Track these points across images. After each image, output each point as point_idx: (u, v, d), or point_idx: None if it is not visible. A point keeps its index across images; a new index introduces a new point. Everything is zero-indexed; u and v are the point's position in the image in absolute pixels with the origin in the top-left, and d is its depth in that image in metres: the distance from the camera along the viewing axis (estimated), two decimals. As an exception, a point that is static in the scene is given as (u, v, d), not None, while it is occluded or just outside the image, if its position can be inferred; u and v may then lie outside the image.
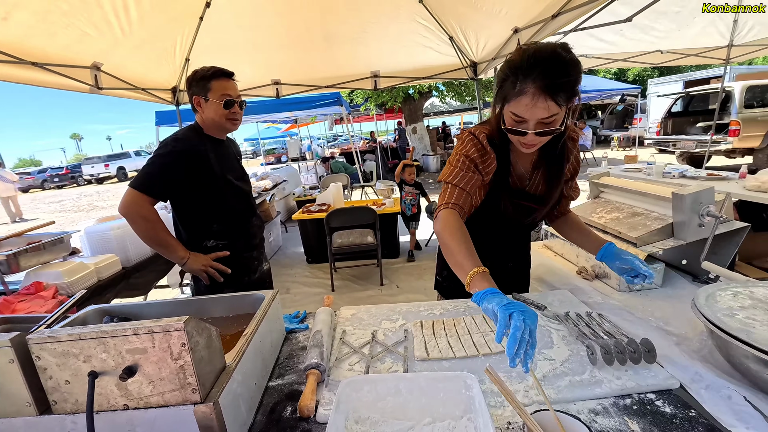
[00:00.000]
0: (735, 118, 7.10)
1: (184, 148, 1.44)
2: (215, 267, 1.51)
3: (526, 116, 0.91)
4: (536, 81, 0.86)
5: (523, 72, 0.88)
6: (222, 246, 1.56)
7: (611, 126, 14.95)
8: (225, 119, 1.51)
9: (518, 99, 0.91)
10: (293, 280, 4.07)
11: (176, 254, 1.45)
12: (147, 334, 0.65)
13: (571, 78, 0.87)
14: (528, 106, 0.89)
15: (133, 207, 1.39)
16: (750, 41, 4.53)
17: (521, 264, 1.40)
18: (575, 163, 1.18)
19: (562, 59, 0.87)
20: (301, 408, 0.82)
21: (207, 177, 1.47)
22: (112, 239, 2.30)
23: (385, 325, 1.17)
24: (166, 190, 1.45)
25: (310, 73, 4.31)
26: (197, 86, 1.50)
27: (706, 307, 0.90)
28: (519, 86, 0.89)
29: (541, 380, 0.86)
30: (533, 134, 0.93)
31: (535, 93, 0.87)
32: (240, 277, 1.61)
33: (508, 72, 0.93)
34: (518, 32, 3.17)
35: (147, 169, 1.41)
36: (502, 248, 1.31)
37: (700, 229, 1.27)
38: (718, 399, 0.79)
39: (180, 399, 0.68)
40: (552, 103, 0.88)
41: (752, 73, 10.36)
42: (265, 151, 20.95)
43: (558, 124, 0.93)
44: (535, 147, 1.00)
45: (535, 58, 0.87)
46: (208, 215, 1.53)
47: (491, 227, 1.23)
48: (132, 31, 2.81)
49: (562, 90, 0.87)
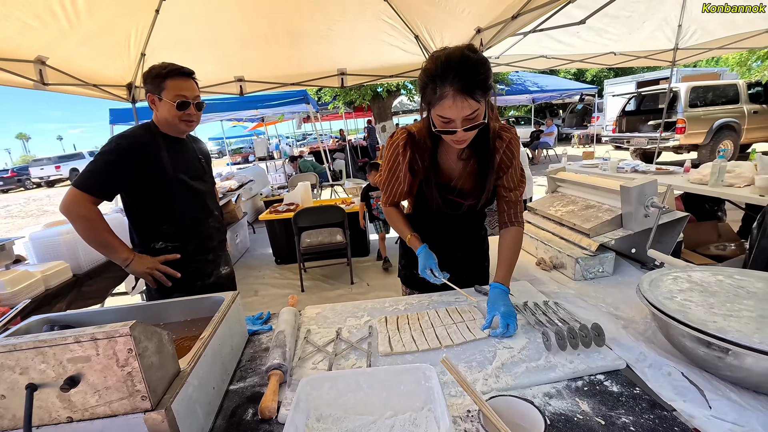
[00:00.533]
0: (681, 116, 7.61)
1: (131, 145, 1.37)
2: (162, 270, 1.44)
3: (452, 116, 0.99)
4: (453, 84, 0.94)
5: (439, 78, 0.96)
6: (172, 248, 1.49)
7: (572, 124, 15.64)
8: (178, 120, 1.45)
9: (441, 103, 0.98)
10: (261, 282, 3.98)
11: (119, 255, 1.39)
12: (90, 342, 0.62)
13: (482, 76, 0.95)
14: (451, 108, 0.97)
15: (73, 206, 1.32)
16: (693, 45, 4.86)
17: (471, 255, 1.43)
18: (506, 161, 1.20)
19: (471, 60, 0.95)
20: (262, 410, 0.80)
21: (156, 176, 1.41)
22: (61, 245, 2.16)
23: (350, 322, 1.17)
24: (110, 189, 1.38)
25: (274, 70, 4.22)
26: (152, 84, 1.44)
27: (648, 292, 0.97)
28: (439, 91, 0.97)
29: (500, 367, 0.89)
30: (462, 131, 1.01)
31: (454, 95, 0.95)
32: (191, 281, 1.53)
33: (426, 80, 1.00)
34: (481, 32, 3.24)
35: (90, 167, 1.35)
36: (448, 239, 1.37)
37: (645, 219, 1.35)
38: (660, 376, 0.85)
39: (129, 407, 0.65)
40: (471, 101, 0.96)
41: (697, 75, 11.14)
42: (232, 151, 20.35)
43: (482, 117, 1.01)
44: (466, 142, 1.08)
45: (448, 63, 0.95)
46: (157, 216, 1.46)
47: (431, 219, 1.35)
48: (80, 23, 2.64)
49: (477, 87, 0.95)
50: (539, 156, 11.67)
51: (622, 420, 0.73)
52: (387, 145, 1.26)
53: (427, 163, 1.20)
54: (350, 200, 4.40)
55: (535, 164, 11.06)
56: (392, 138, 1.23)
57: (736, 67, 11.75)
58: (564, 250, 1.45)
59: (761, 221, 1.57)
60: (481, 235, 1.44)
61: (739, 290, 0.96)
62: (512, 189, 1.24)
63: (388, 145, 1.25)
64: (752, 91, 8.29)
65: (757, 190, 2.52)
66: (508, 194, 1.24)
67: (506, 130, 1.20)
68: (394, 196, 1.32)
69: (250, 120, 11.47)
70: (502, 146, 1.19)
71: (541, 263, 1.53)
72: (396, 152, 1.21)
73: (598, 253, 1.38)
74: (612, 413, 0.75)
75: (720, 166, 2.81)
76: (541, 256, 1.58)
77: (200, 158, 1.61)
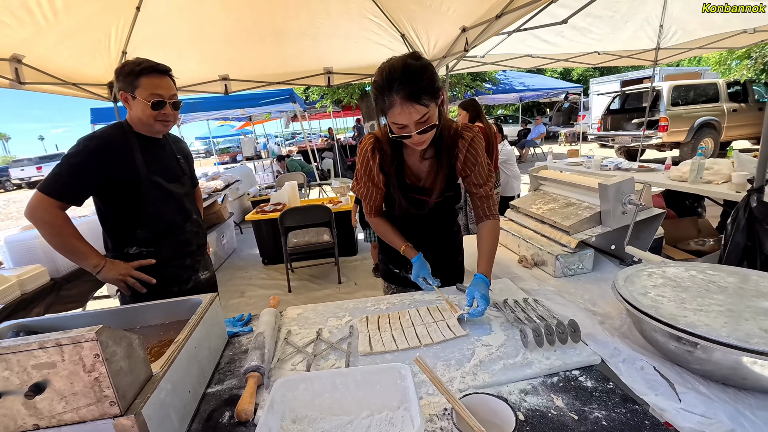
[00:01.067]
0: (664, 114, 7.76)
1: (100, 147, 1.31)
2: (135, 276, 1.39)
3: (404, 122, 1.04)
4: (398, 93, 1.00)
5: (386, 88, 1.02)
6: (147, 253, 1.44)
7: (558, 122, 15.84)
8: (153, 120, 1.39)
9: (391, 111, 1.04)
10: (248, 283, 3.94)
11: (89, 262, 1.34)
12: (55, 348, 0.60)
13: (425, 81, 1.01)
14: (401, 114, 1.03)
15: (38, 211, 1.26)
16: (674, 45, 4.96)
17: (444, 251, 1.45)
18: (471, 159, 1.24)
19: (413, 68, 1.01)
20: (239, 412, 0.79)
21: (128, 178, 1.35)
22: (38, 248, 2.10)
23: (331, 322, 1.17)
24: (78, 194, 1.31)
25: (260, 68, 4.17)
26: (124, 81, 1.37)
27: (623, 288, 0.98)
28: (387, 101, 1.03)
29: (478, 365, 0.90)
30: (416, 134, 1.07)
31: (401, 103, 1.01)
32: (168, 287, 1.48)
33: (375, 92, 1.06)
34: (466, 31, 3.26)
35: (56, 170, 1.29)
36: (419, 236, 1.39)
37: (623, 216, 1.37)
38: (633, 370, 0.87)
39: (97, 413, 0.63)
40: (419, 106, 1.01)
41: (679, 74, 11.36)
42: (219, 150, 20.11)
43: (434, 119, 1.08)
44: (423, 143, 1.14)
45: (391, 74, 1.01)
46: (130, 220, 1.40)
47: (402, 218, 1.38)
48: (57, 20, 2.57)
49: (422, 93, 1.00)
50: (526, 154, 11.79)
51: (594, 415, 0.74)
52: (358, 153, 1.31)
53: (391, 167, 1.26)
54: (337, 199, 4.38)
55: (523, 162, 11.18)
56: (361, 145, 1.29)
57: (716, 66, 12.01)
58: (545, 248, 1.47)
59: (735, 217, 1.61)
60: (453, 231, 1.46)
61: (710, 285, 0.98)
62: (481, 185, 1.28)
63: (359, 152, 1.30)
64: (731, 90, 8.49)
65: (733, 186, 2.58)
66: (478, 190, 1.29)
67: (468, 129, 1.24)
68: (374, 202, 1.36)
69: (237, 119, 11.34)
70: (464, 145, 1.23)
71: (522, 261, 1.55)
72: (366, 158, 1.27)
73: (577, 250, 1.40)
74: (585, 408, 0.76)
75: (699, 164, 2.87)
76: (523, 253, 1.59)
77: (179, 159, 1.56)
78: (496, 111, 19.67)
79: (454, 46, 3.55)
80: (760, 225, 1.60)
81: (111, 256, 1.42)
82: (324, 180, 7.33)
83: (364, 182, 1.32)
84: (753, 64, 10.62)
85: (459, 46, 3.44)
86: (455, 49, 3.53)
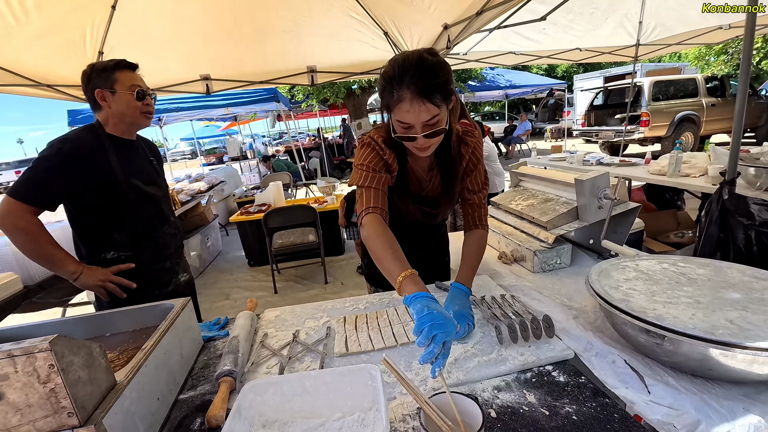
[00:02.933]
0: (645, 110, 7.90)
1: (74, 149, 1.27)
2: (115, 281, 1.36)
3: (410, 121, 0.95)
4: (410, 87, 0.91)
5: (396, 81, 0.93)
6: (125, 258, 1.41)
7: (544, 119, 16.00)
8: (139, 113, 1.37)
9: (399, 106, 0.95)
10: (234, 285, 3.90)
11: (66, 269, 1.29)
12: (6, 359, 0.58)
13: (440, 79, 0.92)
14: (409, 112, 0.94)
15: (8, 218, 1.21)
16: (653, 41, 5.05)
17: (433, 253, 1.44)
18: (471, 166, 1.20)
19: (429, 63, 0.93)
20: (209, 418, 0.78)
21: (104, 181, 1.32)
22: (10, 255, 2.04)
23: (308, 324, 1.16)
24: (52, 198, 1.27)
25: (242, 67, 4.12)
26: (99, 78, 1.33)
27: (596, 282, 0.99)
28: (396, 95, 0.94)
29: (453, 363, 0.90)
30: (422, 137, 0.97)
31: (411, 98, 0.92)
32: (148, 291, 1.46)
33: (384, 83, 0.97)
34: (448, 28, 3.27)
35: (27, 174, 1.24)
36: (410, 240, 1.33)
37: (599, 211, 1.39)
38: (605, 364, 0.87)
39: (55, 425, 0.61)
40: (430, 105, 0.93)
41: (660, 70, 11.59)
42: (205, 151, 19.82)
43: (443, 123, 0.98)
44: (428, 150, 1.04)
45: (404, 66, 0.92)
46: (107, 224, 1.37)
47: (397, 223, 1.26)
48: (29, 20, 2.50)
49: (436, 91, 0.92)
50: (513, 151, 11.89)
51: (565, 409, 0.75)
52: (362, 145, 1.16)
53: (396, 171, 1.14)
54: (323, 199, 4.35)
55: (509, 159, 11.28)
56: (365, 138, 1.16)
57: (695, 61, 12.28)
58: (524, 244, 1.48)
59: (708, 209, 1.64)
60: (441, 233, 1.45)
61: (681, 277, 1.00)
62: (476, 192, 1.23)
63: (365, 144, 1.15)
64: (710, 85, 8.68)
65: (710, 179, 2.64)
66: (472, 197, 1.23)
67: (470, 135, 1.18)
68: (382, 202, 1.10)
69: (223, 119, 11.19)
70: (468, 152, 1.18)
71: (502, 257, 1.55)
72: (374, 148, 1.12)
73: (555, 245, 1.41)
74: (557, 403, 0.77)
75: (677, 157, 2.93)
76: (503, 249, 1.60)
77: (152, 161, 1.54)
78: (483, 108, 19.79)
79: (437, 44, 3.55)
80: (732, 217, 1.64)
81: (86, 263, 1.38)
82: (310, 180, 7.28)
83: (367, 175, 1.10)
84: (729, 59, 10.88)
85: (441, 43, 3.44)
86: (438, 46, 3.52)
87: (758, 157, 2.49)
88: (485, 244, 1.24)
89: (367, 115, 11.21)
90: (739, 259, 1.75)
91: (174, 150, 22.43)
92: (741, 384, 0.78)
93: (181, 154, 22.16)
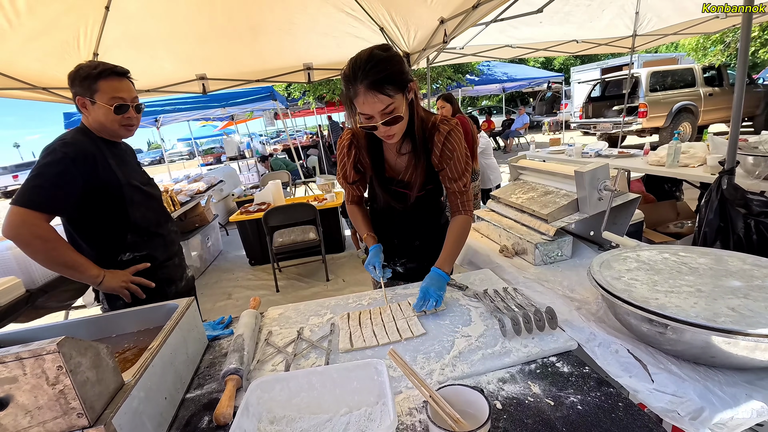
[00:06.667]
0: (643, 101, 7.89)
1: (79, 153, 1.25)
2: (136, 282, 1.36)
3: (368, 112, 1.05)
4: (362, 81, 1.00)
5: (351, 77, 1.02)
6: (140, 258, 1.41)
7: (542, 112, 15.99)
8: (118, 126, 1.34)
9: (356, 100, 1.05)
10: (235, 285, 3.90)
11: (88, 274, 1.28)
12: (15, 362, 0.58)
13: (389, 71, 1.00)
14: (364, 104, 1.03)
15: (24, 228, 1.18)
16: (650, 31, 5.03)
17: (431, 243, 1.44)
18: (447, 153, 1.22)
19: (377, 58, 1.00)
20: (217, 416, 0.78)
21: (109, 184, 1.31)
22: (12, 259, 2.04)
23: (312, 321, 1.16)
24: (63, 204, 1.25)
25: (238, 66, 4.10)
26: (81, 86, 1.30)
27: (598, 273, 1.00)
28: (352, 90, 1.03)
29: (457, 357, 0.90)
30: (382, 125, 1.07)
31: (364, 91, 1.01)
32: (165, 288, 1.47)
33: (344, 82, 1.06)
34: (444, 22, 3.25)
35: (35, 181, 1.20)
36: (406, 229, 1.42)
37: (599, 203, 1.39)
38: (608, 354, 0.88)
39: (65, 426, 0.62)
40: (382, 96, 1.01)
41: (657, 60, 11.56)
42: (203, 151, 19.76)
43: (399, 111, 1.07)
44: (393, 137, 1.14)
45: (357, 63, 1.01)
46: (119, 226, 1.36)
47: (388, 211, 1.40)
48: (21, 21, 2.48)
49: (385, 82, 1.00)
50: (511, 145, 11.88)
51: (570, 399, 0.75)
52: (340, 141, 1.33)
53: (368, 161, 1.28)
54: (322, 197, 4.35)
55: (507, 153, 11.27)
56: (340, 140, 1.32)
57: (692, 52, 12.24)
58: (525, 237, 1.48)
59: (708, 199, 1.65)
60: (440, 224, 1.46)
61: (682, 267, 1.00)
62: (455, 179, 1.25)
63: (338, 147, 1.33)
64: (707, 75, 8.66)
65: (708, 169, 2.64)
66: (452, 185, 1.26)
67: (445, 122, 1.22)
68: (349, 193, 1.42)
69: (219, 119, 11.15)
70: (440, 139, 1.21)
71: (504, 251, 1.56)
72: (342, 154, 1.31)
73: (556, 238, 1.42)
74: (561, 393, 0.77)
75: (675, 148, 2.93)
76: (504, 243, 1.60)
77: (138, 162, 1.55)
78: (480, 102, 19.74)
79: (434, 38, 3.54)
80: (731, 206, 1.64)
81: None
82: (309, 177, 7.27)
83: (342, 175, 1.36)
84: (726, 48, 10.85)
85: (438, 38, 3.43)
86: (435, 41, 3.52)
87: (756, 146, 2.50)
88: (468, 229, 1.30)
89: (364, 111, 11.16)
90: (739, 248, 1.76)
91: (171, 151, 22.38)
92: (743, 371, 0.79)
93: (179, 155, 22.10)
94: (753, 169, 2.35)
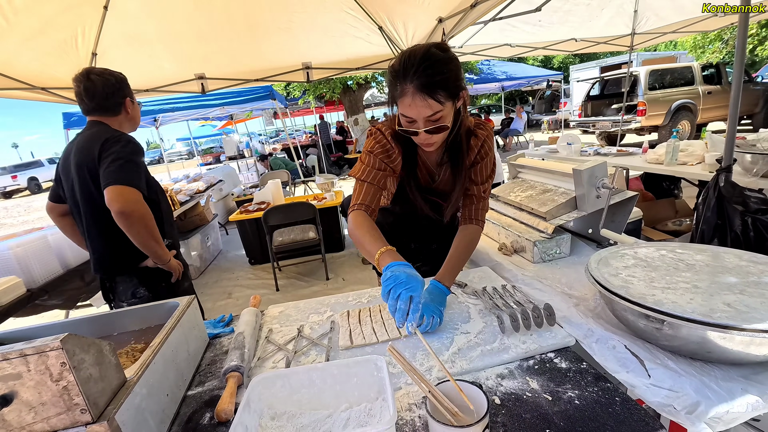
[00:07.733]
0: (641, 99, 7.90)
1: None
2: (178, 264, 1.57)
3: (412, 115, 0.95)
4: (413, 81, 0.90)
5: (401, 74, 0.92)
6: (168, 245, 1.56)
7: (541, 110, 15.99)
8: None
9: (402, 100, 0.94)
10: (235, 284, 3.91)
11: (163, 250, 1.45)
12: (19, 358, 0.59)
13: (445, 75, 0.90)
14: (410, 106, 0.93)
15: (136, 205, 1.29)
16: (649, 30, 5.04)
17: (448, 246, 1.44)
18: (479, 159, 1.16)
19: (435, 58, 0.90)
20: (218, 413, 0.79)
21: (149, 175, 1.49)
22: (12, 259, 2.04)
23: (312, 318, 1.17)
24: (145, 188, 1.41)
25: (237, 66, 4.10)
26: (129, 87, 1.49)
27: (596, 270, 1.00)
28: (400, 88, 0.93)
29: (456, 353, 0.91)
30: (424, 132, 0.97)
31: (413, 92, 0.91)
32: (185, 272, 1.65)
33: (390, 77, 0.96)
34: (442, 22, 3.26)
35: (129, 166, 1.33)
36: (424, 232, 1.38)
37: (597, 200, 1.40)
38: (606, 350, 0.89)
39: (68, 422, 0.62)
40: (432, 101, 0.91)
41: (656, 59, 11.55)
42: (202, 151, 19.75)
43: (446, 120, 0.96)
44: (432, 145, 1.03)
45: (410, 60, 0.91)
46: (158, 215, 1.49)
47: (410, 216, 1.31)
48: (18, 20, 2.48)
49: (439, 87, 0.90)
50: (510, 143, 11.89)
51: (568, 394, 0.76)
52: (369, 135, 1.14)
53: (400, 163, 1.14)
54: (322, 196, 4.36)
55: (507, 151, 11.28)
56: (373, 132, 1.14)
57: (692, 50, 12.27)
58: (523, 234, 1.49)
59: (705, 197, 1.66)
60: (455, 225, 1.45)
61: (679, 263, 1.01)
62: (479, 183, 1.18)
63: (371, 135, 1.13)
64: (706, 73, 8.68)
65: (707, 167, 2.65)
66: (473, 188, 1.19)
67: (482, 127, 1.15)
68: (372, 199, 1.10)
69: (218, 119, 11.14)
70: (477, 144, 1.14)
71: (502, 248, 1.57)
72: (379, 141, 1.11)
73: (554, 236, 1.43)
74: (559, 389, 0.78)
75: (673, 146, 2.94)
76: (503, 241, 1.61)
77: None
78: (479, 101, 19.75)
79: (432, 38, 3.54)
80: (729, 204, 1.65)
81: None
82: (309, 177, 7.27)
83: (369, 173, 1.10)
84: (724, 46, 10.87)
85: (436, 37, 3.44)
86: (432, 40, 3.52)
87: (754, 144, 2.51)
88: (477, 241, 1.22)
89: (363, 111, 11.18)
90: (736, 245, 1.77)
91: (170, 151, 22.38)
92: (739, 365, 0.80)
93: (178, 155, 22.10)
94: (751, 167, 2.36)
